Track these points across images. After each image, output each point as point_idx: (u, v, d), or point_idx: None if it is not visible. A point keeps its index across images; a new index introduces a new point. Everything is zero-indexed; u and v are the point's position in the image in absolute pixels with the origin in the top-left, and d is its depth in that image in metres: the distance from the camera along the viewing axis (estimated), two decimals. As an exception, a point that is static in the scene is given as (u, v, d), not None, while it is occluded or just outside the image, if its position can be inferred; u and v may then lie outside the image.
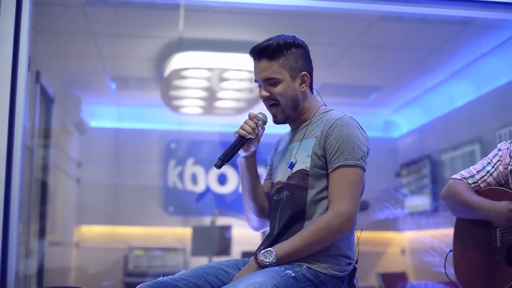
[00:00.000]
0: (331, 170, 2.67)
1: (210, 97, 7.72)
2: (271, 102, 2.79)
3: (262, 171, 3.13)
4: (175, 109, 7.99)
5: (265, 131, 2.85)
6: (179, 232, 8.11)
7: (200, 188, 8.18)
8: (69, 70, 7.42)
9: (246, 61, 6.85)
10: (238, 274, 2.62)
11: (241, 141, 2.76)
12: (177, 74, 7.10)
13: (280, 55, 2.74)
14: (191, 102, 7.91)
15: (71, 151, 7.91)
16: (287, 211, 2.74)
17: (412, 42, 6.53)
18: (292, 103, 2.78)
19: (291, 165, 2.76)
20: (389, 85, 7.73)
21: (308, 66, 2.82)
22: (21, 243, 5.86)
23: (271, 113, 2.82)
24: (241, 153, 2.82)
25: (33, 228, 6.43)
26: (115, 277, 7.62)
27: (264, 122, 2.82)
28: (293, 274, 2.55)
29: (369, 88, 7.81)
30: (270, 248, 2.61)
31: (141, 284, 2.66)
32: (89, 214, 7.97)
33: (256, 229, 3.00)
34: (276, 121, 2.82)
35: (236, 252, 7.24)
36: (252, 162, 2.87)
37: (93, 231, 8.09)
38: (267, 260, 2.59)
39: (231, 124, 7.15)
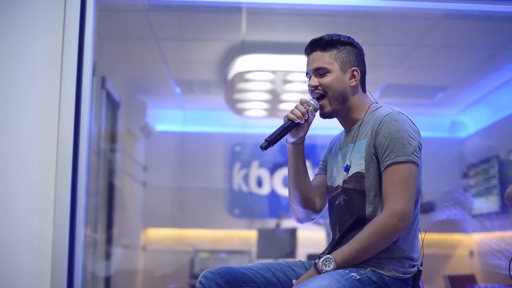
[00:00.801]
0: (383, 168, 2.62)
1: (274, 100, 7.70)
2: (319, 93, 2.75)
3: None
4: (239, 112, 8.01)
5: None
6: (244, 235, 8.11)
7: (265, 190, 8.18)
8: (134, 75, 7.51)
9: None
10: (299, 280, 2.60)
11: (290, 125, 2.71)
12: (241, 77, 7.11)
13: (333, 47, 2.75)
14: (255, 104, 7.91)
15: (137, 155, 8.00)
16: (346, 216, 2.71)
17: (478, 40, 6.39)
18: (340, 96, 2.74)
19: (346, 168, 2.73)
20: (455, 85, 7.59)
21: (360, 65, 2.80)
22: (89, 246, 5.96)
23: (319, 104, 2.76)
24: (289, 138, 2.78)
25: (100, 231, 6.52)
26: (181, 280, 7.66)
27: (315, 109, 2.75)
28: (358, 277, 2.53)
29: (435, 88, 7.68)
30: (329, 256, 2.58)
31: (209, 269, 2.68)
32: (156, 217, 8.05)
33: (300, 220, 2.92)
34: (323, 114, 2.77)
35: (301, 254, 7.20)
36: (299, 149, 2.81)
37: (159, 234, 8.17)
38: (327, 268, 2.56)
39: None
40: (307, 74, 2.81)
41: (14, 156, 4.21)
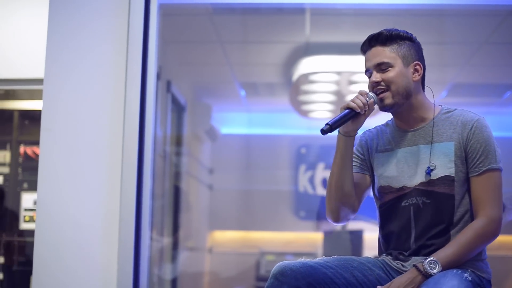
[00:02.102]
0: (476, 174, 2.61)
1: (339, 101, 7.64)
2: (382, 89, 2.69)
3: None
4: (304, 114, 7.97)
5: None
6: (310, 237, 8.07)
7: (331, 192, 8.11)
8: (199, 78, 7.56)
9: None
10: (397, 283, 2.54)
11: (350, 114, 2.64)
12: (305, 78, 7.09)
13: (393, 42, 2.70)
14: (320, 106, 7.86)
15: (203, 158, 8.04)
16: (429, 219, 2.66)
17: (548, 36, 6.23)
18: (404, 91, 2.69)
19: (430, 171, 2.66)
20: (524, 83, 7.42)
21: (421, 60, 2.75)
22: (155, 249, 6.01)
23: (379, 98, 2.71)
24: (343, 128, 2.70)
25: (167, 234, 6.58)
26: (247, 282, 7.67)
27: (375, 102, 2.69)
28: (469, 278, 2.53)
29: (503, 86, 7.50)
30: (433, 258, 2.53)
31: (287, 261, 2.58)
32: (222, 219, 8.07)
33: (338, 220, 2.80)
34: (383, 106, 2.71)
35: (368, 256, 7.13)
36: (350, 142, 2.72)
37: (225, 237, 8.19)
38: (434, 270, 2.52)
39: (362, 128, 7.06)
40: (367, 71, 2.76)
41: (80, 161, 4.28)
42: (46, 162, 4.29)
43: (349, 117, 2.65)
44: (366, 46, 2.77)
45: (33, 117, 6.33)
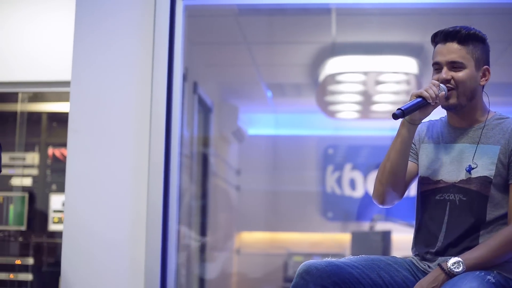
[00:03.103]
0: None
1: (366, 101, 7.62)
2: (449, 87, 2.69)
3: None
4: (331, 114, 7.96)
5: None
6: (338, 238, 8.04)
7: (358, 193, 8.09)
8: (225, 79, 7.58)
9: (402, 63, 6.72)
10: (422, 284, 2.54)
11: (422, 103, 2.62)
12: (332, 79, 7.07)
13: (469, 42, 2.69)
14: (347, 106, 7.84)
15: (230, 159, 8.05)
16: (461, 216, 2.66)
17: None
18: (470, 93, 2.69)
19: (470, 169, 2.66)
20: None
21: (489, 64, 2.77)
22: (183, 250, 6.03)
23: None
24: (409, 116, 2.67)
25: (194, 234, 6.59)
26: (274, 283, 7.67)
27: (445, 96, 2.68)
28: (493, 280, 2.50)
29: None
30: (459, 258, 2.53)
31: (313, 261, 2.58)
32: (249, 221, 8.07)
33: (383, 202, 2.80)
34: (447, 104, 2.70)
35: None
36: (413, 130, 2.71)
37: (253, 238, 8.19)
38: (457, 270, 2.51)
39: (389, 128, 7.01)
40: (436, 63, 2.74)
41: (107, 162, 4.30)
42: (73, 163, 4.33)
43: (420, 105, 2.63)
44: (441, 39, 2.73)
45: (61, 119, 6.36)
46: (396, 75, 6.89)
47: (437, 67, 2.72)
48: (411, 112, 2.62)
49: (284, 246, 7.90)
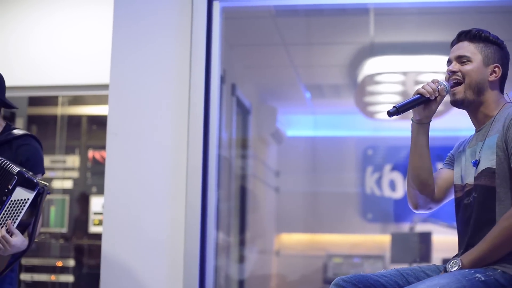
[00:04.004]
0: None
1: (406, 102, 7.55)
2: (457, 79, 2.74)
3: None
4: (370, 115, 7.90)
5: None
6: (378, 239, 7.99)
7: (398, 194, 8.02)
8: (263, 81, 7.57)
9: (441, 63, 6.65)
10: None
11: (419, 99, 2.70)
12: (371, 79, 7.03)
13: (480, 41, 2.77)
14: (386, 107, 7.76)
15: (269, 161, 8.05)
16: (477, 214, 2.64)
17: None
18: (476, 86, 2.73)
19: (475, 163, 2.67)
20: None
21: (504, 66, 2.79)
22: (222, 251, 6.04)
23: (451, 91, 2.76)
24: (415, 116, 2.77)
25: (234, 236, 6.60)
26: (314, 285, 7.64)
27: (446, 91, 2.75)
28: (483, 278, 2.44)
29: None
30: (456, 258, 2.55)
31: (341, 276, 2.65)
32: (288, 222, 8.05)
33: (416, 207, 2.87)
34: (454, 100, 2.76)
35: (436, 259, 7.01)
36: (424, 130, 2.77)
37: (292, 239, 8.17)
38: (452, 269, 2.51)
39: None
40: (448, 61, 2.82)
41: (146, 164, 4.33)
42: (112, 166, 4.36)
43: (418, 102, 2.71)
44: (455, 40, 2.84)
45: (101, 122, 6.43)
46: (436, 75, 6.81)
47: (449, 64, 2.82)
48: (407, 109, 2.69)
49: (324, 247, 7.87)
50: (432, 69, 6.75)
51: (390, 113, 2.67)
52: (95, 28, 5.45)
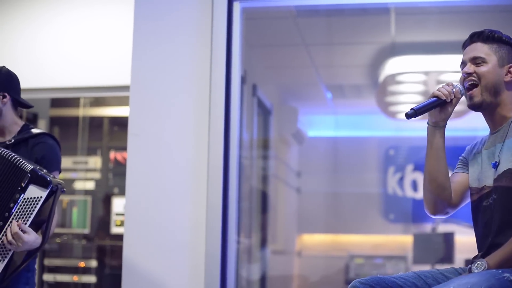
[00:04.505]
0: None
1: (427, 102, 7.51)
2: (472, 81, 2.72)
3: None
4: (392, 115, 7.87)
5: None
6: (400, 240, 7.95)
7: (420, 194, 7.96)
8: (284, 81, 7.57)
9: (463, 62, 6.61)
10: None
11: (435, 102, 2.69)
12: (392, 79, 7.00)
13: (494, 42, 2.75)
14: (407, 107, 7.72)
15: (290, 161, 8.04)
16: (500, 215, 2.61)
17: None
18: (492, 87, 2.71)
19: (495, 165, 2.64)
20: None
21: None
22: (243, 251, 6.04)
23: (468, 95, 2.74)
24: (431, 119, 2.75)
25: (254, 236, 6.60)
26: (336, 285, 7.62)
27: (461, 93, 2.73)
28: (511, 278, 2.43)
29: None
30: (482, 260, 2.53)
31: (359, 279, 2.65)
32: (310, 223, 8.04)
33: (434, 212, 2.80)
34: (472, 103, 2.73)
35: (459, 260, 6.98)
36: (440, 133, 2.74)
37: (314, 240, 8.16)
38: (477, 270, 2.50)
39: (451, 128, 6.92)
40: (462, 63, 2.80)
41: (167, 165, 4.34)
42: (133, 167, 4.37)
43: (435, 105, 2.70)
44: (468, 41, 2.82)
45: (122, 123, 6.47)
46: (458, 75, 6.77)
47: (463, 66, 2.79)
48: (424, 111, 2.69)
49: (345, 248, 7.85)
50: (453, 68, 6.71)
51: (408, 115, 2.68)
52: (116, 30, 5.47)
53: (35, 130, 3.56)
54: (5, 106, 3.50)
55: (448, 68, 6.72)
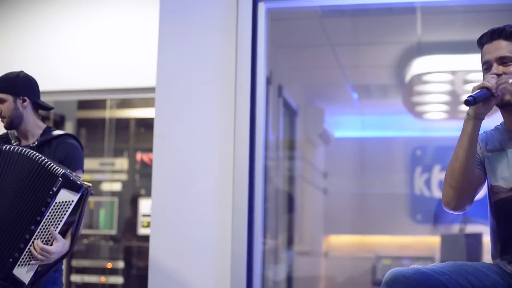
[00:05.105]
0: None
1: (454, 101, 7.46)
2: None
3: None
4: (419, 115, 7.82)
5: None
6: (427, 241, 7.90)
7: (448, 195, 7.92)
8: (310, 82, 7.56)
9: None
10: None
11: (488, 94, 2.58)
12: (419, 79, 6.96)
13: None
14: (434, 107, 7.69)
15: (317, 162, 8.02)
16: None
17: None
18: None
19: None
20: None
21: None
22: (269, 252, 6.04)
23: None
24: (474, 110, 2.62)
25: (281, 237, 6.59)
26: (363, 287, 7.60)
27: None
28: None
29: None
30: None
31: (400, 268, 2.52)
32: (337, 224, 8.02)
33: (455, 207, 2.69)
34: (503, 102, 2.66)
35: (487, 260, 6.91)
36: (478, 126, 2.64)
37: (341, 241, 8.14)
38: None
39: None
40: (485, 63, 2.73)
41: (192, 166, 4.35)
42: (159, 168, 4.39)
43: (486, 96, 2.59)
44: (487, 39, 2.75)
45: (149, 125, 6.50)
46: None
47: (487, 65, 2.72)
48: (480, 101, 2.57)
49: (372, 249, 7.82)
50: (481, 67, 6.66)
51: (468, 102, 2.54)
52: (141, 31, 5.50)
53: (57, 132, 3.60)
54: (25, 109, 3.55)
55: (475, 68, 6.67)
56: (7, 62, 5.63)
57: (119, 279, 6.55)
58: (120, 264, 6.57)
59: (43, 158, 3.25)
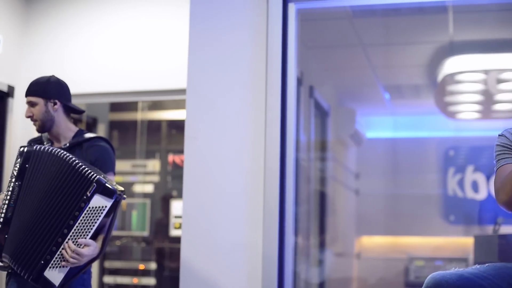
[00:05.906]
0: None
1: (488, 101, 7.39)
2: None
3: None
4: (451, 115, 7.76)
5: None
6: (460, 242, 7.83)
7: (481, 196, 7.85)
8: (341, 82, 7.53)
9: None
10: None
11: None
12: (451, 79, 6.90)
13: None
14: (467, 107, 7.63)
15: (349, 163, 7.99)
16: None
17: None
18: None
19: None
20: None
21: None
22: (301, 253, 6.03)
23: None
24: None
25: (313, 239, 6.58)
26: (396, 288, 7.56)
27: None
28: None
29: None
30: None
31: (442, 272, 2.49)
32: (369, 225, 7.98)
33: None
34: None
35: (522, 262, 6.85)
36: None
37: (373, 242, 8.10)
38: None
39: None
40: None
41: (223, 167, 4.35)
42: (190, 169, 4.40)
43: None
44: None
45: (180, 127, 6.52)
46: (519, 73, 6.67)
47: None
48: None
49: (405, 250, 7.77)
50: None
51: None
52: (172, 33, 5.52)
53: (88, 135, 3.63)
54: (56, 112, 3.59)
55: (508, 66, 6.60)
56: (42, 66, 5.69)
57: (151, 281, 6.58)
58: (152, 266, 6.60)
59: (74, 159, 3.27)
